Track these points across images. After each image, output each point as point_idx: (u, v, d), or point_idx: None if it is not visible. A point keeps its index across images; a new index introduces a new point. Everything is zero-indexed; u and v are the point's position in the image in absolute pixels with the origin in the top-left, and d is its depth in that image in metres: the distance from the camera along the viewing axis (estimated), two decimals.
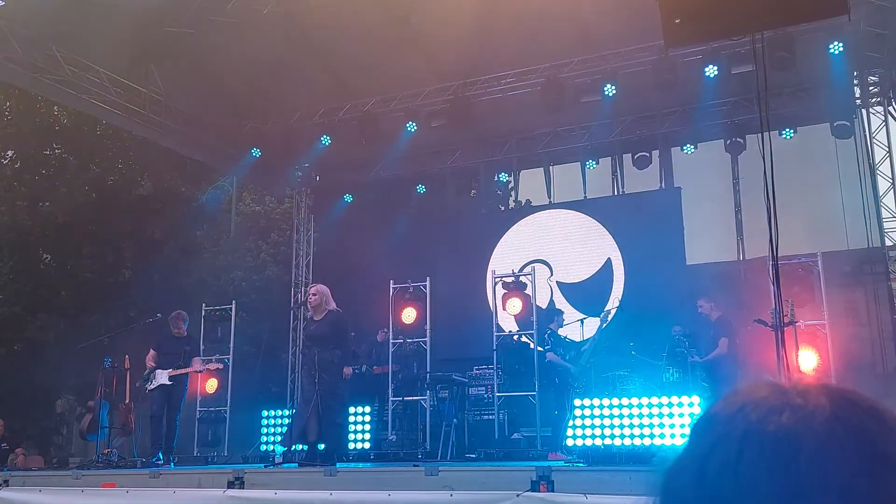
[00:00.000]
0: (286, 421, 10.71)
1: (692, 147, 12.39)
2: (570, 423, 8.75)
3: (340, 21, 9.66)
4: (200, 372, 9.70)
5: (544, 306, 11.44)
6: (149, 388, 9.10)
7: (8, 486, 7.43)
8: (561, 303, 11.85)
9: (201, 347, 11.00)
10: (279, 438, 10.60)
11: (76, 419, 20.06)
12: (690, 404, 8.38)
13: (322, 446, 7.28)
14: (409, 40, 10.05)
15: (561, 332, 9.33)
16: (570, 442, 8.75)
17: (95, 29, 9.65)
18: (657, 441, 8.23)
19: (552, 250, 12.95)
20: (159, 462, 8.69)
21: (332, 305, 7.57)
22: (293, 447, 10.26)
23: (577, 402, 8.60)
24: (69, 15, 9.39)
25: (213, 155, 13.39)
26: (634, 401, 8.70)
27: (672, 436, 8.26)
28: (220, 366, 9.89)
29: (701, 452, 0.60)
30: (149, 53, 10.43)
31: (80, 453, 18.39)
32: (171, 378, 9.02)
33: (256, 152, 12.66)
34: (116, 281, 18.10)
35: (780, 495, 0.54)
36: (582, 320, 9.85)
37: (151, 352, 9.27)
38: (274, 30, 9.69)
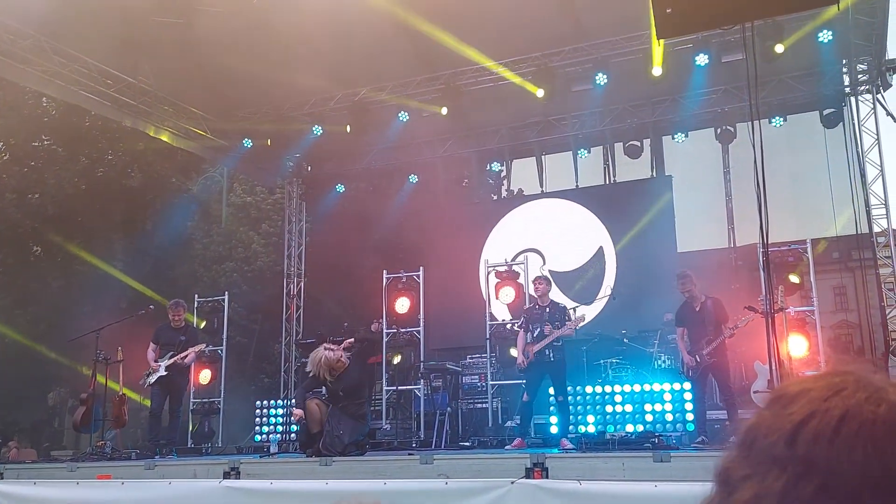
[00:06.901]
0: (279, 412, 10.75)
1: (683, 136, 12.42)
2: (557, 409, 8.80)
3: (331, 10, 9.61)
4: (191, 363, 9.29)
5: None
6: (149, 384, 8.84)
7: (3, 479, 7.42)
8: (553, 291, 11.87)
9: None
10: (273, 429, 10.65)
11: (68, 412, 20.04)
12: (682, 391, 8.47)
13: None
14: (400, 29, 10.01)
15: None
16: (553, 430, 8.78)
17: (84, 19, 9.57)
18: (649, 427, 8.31)
19: (544, 239, 12.99)
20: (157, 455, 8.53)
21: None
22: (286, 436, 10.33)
23: (568, 388, 8.65)
24: (57, 5, 9.30)
25: (203, 145, 13.31)
26: (626, 388, 8.79)
27: (664, 422, 8.35)
28: (203, 345, 9.58)
29: (793, 420, 0.67)
30: (138, 44, 10.35)
31: (72, 446, 18.36)
32: (167, 369, 8.74)
33: (248, 143, 12.61)
34: (107, 273, 18.03)
35: (870, 472, 0.62)
36: (574, 308, 9.89)
37: (151, 345, 9.02)
38: (264, 19, 9.63)
